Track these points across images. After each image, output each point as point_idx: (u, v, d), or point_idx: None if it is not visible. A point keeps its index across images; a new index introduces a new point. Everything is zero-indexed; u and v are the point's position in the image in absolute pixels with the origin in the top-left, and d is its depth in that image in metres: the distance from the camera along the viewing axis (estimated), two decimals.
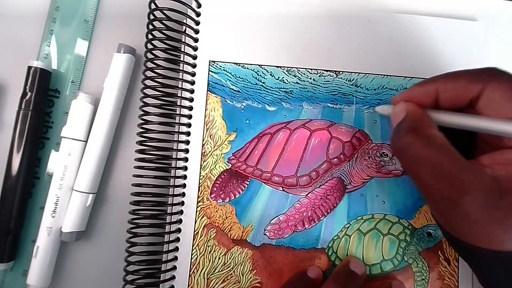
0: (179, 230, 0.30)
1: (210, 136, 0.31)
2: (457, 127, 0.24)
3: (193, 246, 0.31)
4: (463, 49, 0.32)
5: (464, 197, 0.21)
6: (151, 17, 0.30)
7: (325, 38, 0.32)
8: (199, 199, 0.31)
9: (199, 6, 0.31)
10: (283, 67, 0.32)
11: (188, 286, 0.30)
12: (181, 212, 0.31)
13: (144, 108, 0.29)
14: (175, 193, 0.30)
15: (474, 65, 0.32)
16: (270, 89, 0.32)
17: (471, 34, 0.32)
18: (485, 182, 0.21)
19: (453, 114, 0.25)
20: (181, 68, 0.31)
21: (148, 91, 0.29)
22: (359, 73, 0.32)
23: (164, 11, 0.29)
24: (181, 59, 0.31)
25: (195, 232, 0.31)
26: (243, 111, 0.31)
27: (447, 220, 0.23)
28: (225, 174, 0.31)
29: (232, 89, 0.31)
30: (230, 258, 0.31)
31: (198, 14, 0.31)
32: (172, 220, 0.30)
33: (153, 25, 0.30)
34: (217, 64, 0.31)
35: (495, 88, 0.23)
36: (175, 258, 0.30)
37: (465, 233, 0.22)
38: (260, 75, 0.32)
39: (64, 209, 0.31)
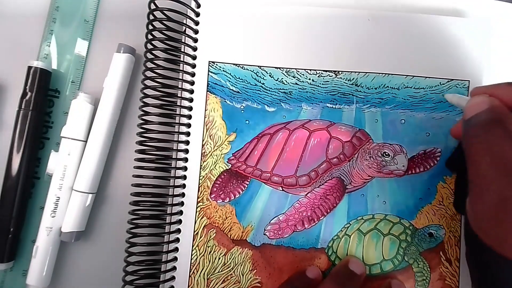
0: (178, 231, 0.30)
1: (210, 136, 0.31)
2: None
3: (193, 246, 0.30)
4: (466, 47, 0.32)
5: None
6: (151, 17, 0.30)
7: (324, 38, 0.32)
8: (199, 199, 0.31)
9: (199, 6, 0.31)
10: (282, 68, 0.32)
11: (188, 286, 0.30)
12: (181, 212, 0.30)
13: (144, 108, 0.29)
14: (174, 193, 0.30)
15: (477, 64, 0.32)
16: (269, 90, 0.32)
17: (475, 32, 0.32)
18: None
19: None
20: (180, 68, 0.31)
21: (148, 91, 0.29)
22: (359, 72, 0.32)
23: (164, 11, 0.29)
24: (181, 59, 0.31)
25: (195, 233, 0.31)
26: (242, 111, 0.31)
27: (481, 216, 0.22)
28: (225, 174, 0.31)
29: (232, 89, 0.31)
30: (230, 258, 0.31)
31: (197, 14, 0.31)
32: (171, 220, 0.30)
33: (152, 25, 0.30)
34: (216, 64, 0.31)
35: None
36: (175, 259, 0.30)
37: (496, 239, 0.21)
38: (260, 76, 0.32)
39: (64, 209, 0.31)
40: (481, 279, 0.24)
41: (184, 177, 0.31)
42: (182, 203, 0.30)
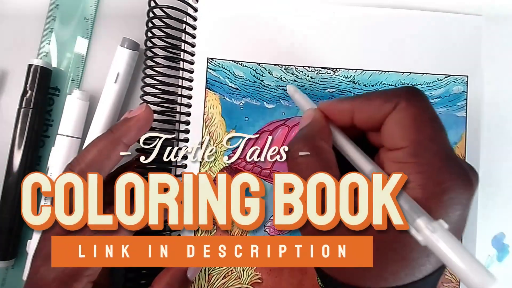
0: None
1: (209, 133, 0.31)
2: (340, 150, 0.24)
3: None
4: (462, 43, 0.32)
5: None
6: (151, 14, 0.30)
7: (322, 35, 0.32)
8: None
9: (197, 1, 0.31)
10: (281, 65, 0.32)
11: None
12: None
13: None
14: None
15: (472, 60, 0.32)
16: (268, 87, 0.32)
17: (470, 28, 0.32)
18: None
19: (339, 135, 0.24)
20: (179, 65, 0.31)
21: (148, 89, 0.30)
22: (357, 69, 0.32)
23: (164, 9, 0.29)
24: (179, 56, 0.31)
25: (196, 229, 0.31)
26: (242, 108, 0.32)
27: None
28: (225, 171, 0.31)
29: (231, 86, 0.32)
30: None
31: (195, 10, 0.31)
32: None
33: (152, 23, 0.30)
34: (215, 61, 0.31)
35: (400, 110, 0.21)
36: None
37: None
38: (259, 73, 0.32)
39: None
40: None
41: None
42: None
